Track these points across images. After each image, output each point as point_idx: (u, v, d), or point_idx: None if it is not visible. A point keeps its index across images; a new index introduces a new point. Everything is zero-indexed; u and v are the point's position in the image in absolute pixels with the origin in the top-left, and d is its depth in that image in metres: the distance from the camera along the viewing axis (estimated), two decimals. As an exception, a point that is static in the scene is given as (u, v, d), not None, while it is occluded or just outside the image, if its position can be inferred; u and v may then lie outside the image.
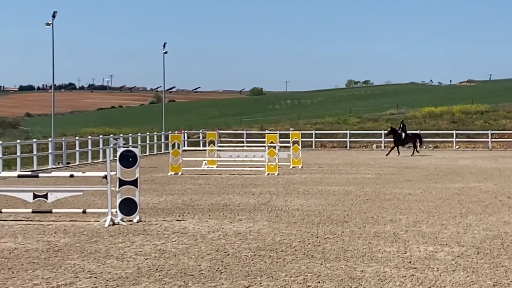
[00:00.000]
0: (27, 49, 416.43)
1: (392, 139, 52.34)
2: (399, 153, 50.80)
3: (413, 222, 17.75)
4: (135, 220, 17.89)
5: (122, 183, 18.06)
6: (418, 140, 52.70)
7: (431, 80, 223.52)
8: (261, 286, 11.14)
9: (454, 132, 65.36)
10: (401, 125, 52.53)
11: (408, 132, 53.01)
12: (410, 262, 12.79)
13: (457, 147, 63.76)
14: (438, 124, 74.65)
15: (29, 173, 29.68)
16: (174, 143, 35.81)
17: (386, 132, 55.79)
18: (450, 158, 47.59)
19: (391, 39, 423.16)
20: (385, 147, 61.20)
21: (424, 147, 59.41)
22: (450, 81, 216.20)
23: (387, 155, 50.45)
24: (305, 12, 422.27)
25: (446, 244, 14.56)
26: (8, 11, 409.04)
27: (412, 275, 11.79)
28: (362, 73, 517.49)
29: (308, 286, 11.12)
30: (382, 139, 63.45)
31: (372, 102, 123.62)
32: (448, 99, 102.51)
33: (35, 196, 18.54)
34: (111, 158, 18.34)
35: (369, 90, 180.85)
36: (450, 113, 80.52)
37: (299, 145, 38.91)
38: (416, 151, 51.71)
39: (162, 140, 58.01)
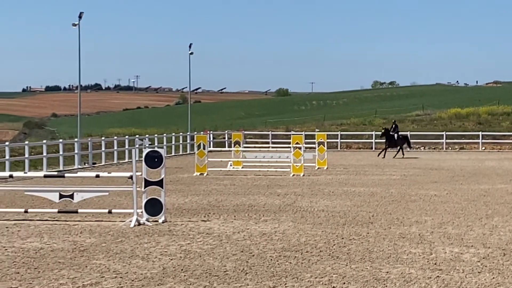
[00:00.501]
0: (54, 49, 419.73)
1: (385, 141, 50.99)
2: (384, 156, 49.20)
3: (438, 223, 17.68)
4: (160, 221, 17.94)
5: (147, 183, 18.12)
6: (406, 142, 51.46)
7: (457, 81, 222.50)
8: (286, 286, 11.14)
9: (480, 133, 65.04)
10: (393, 126, 51.08)
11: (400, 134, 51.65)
12: (435, 264, 12.75)
13: (483, 148, 63.41)
14: (464, 125, 74.27)
15: (55, 173, 29.84)
16: (200, 143, 35.87)
17: (380, 133, 54.27)
18: (476, 160, 47.36)
19: (417, 40, 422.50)
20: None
21: (414, 148, 58.98)
22: (476, 82, 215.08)
23: (395, 156, 49.48)
24: (331, 13, 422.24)
25: (472, 246, 14.49)
26: (35, 12, 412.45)
27: (438, 276, 11.74)
28: (388, 74, 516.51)
29: (333, 287, 11.11)
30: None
31: (398, 103, 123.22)
32: (474, 100, 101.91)
33: (61, 196, 18.64)
34: (137, 159, 18.40)
35: (395, 91, 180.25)
36: (476, 114, 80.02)
37: (324, 146, 38.87)
38: (402, 153, 50.24)
39: (188, 141, 58.10)
